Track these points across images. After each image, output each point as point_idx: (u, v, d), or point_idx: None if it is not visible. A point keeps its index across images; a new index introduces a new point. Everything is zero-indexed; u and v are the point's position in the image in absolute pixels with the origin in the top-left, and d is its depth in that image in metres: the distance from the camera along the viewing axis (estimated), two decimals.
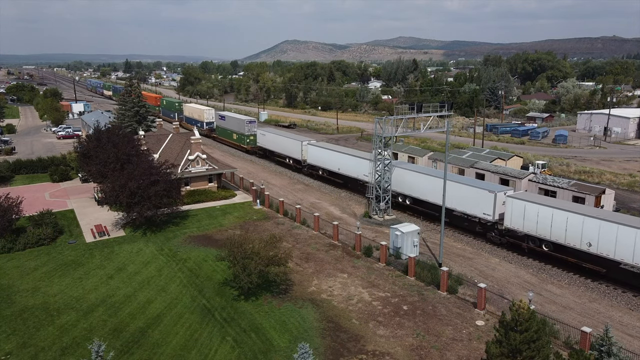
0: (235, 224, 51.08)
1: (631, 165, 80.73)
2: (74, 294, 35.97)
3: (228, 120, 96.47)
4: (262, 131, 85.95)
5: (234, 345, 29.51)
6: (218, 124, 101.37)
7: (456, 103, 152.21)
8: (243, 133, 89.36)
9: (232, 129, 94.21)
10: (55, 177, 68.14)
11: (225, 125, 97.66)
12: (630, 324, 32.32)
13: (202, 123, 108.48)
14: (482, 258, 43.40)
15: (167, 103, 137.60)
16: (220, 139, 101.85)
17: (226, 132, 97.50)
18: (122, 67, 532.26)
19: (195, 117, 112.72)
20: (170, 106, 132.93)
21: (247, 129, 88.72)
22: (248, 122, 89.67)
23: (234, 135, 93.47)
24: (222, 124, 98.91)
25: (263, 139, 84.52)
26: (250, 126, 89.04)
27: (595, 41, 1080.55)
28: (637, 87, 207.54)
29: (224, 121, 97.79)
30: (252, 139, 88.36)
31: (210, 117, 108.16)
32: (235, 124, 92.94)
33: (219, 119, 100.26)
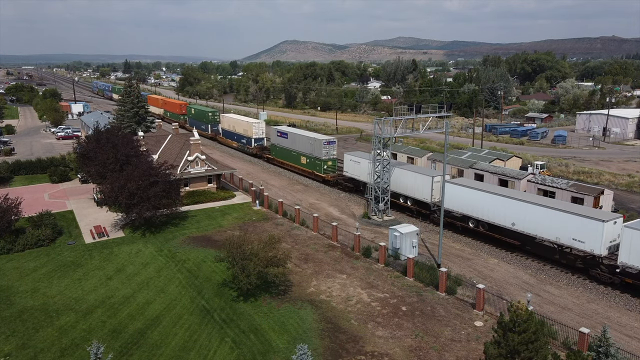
0: (235, 225, 51.12)
1: (630, 166, 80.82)
2: (73, 295, 36.01)
3: (293, 139, 75.20)
4: (355, 158, 62.12)
5: (233, 346, 29.55)
6: (276, 143, 79.54)
7: (455, 103, 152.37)
8: (318, 157, 68.44)
9: (299, 150, 73.42)
10: (54, 177, 68.15)
11: (287, 145, 76.49)
12: (628, 325, 32.39)
13: (248, 139, 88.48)
14: (481, 259, 43.46)
15: (197, 112, 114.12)
16: (278, 162, 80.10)
17: (289, 154, 76.13)
18: (121, 67, 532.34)
19: (239, 132, 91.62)
20: (201, 116, 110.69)
21: (324, 151, 67.71)
22: (326, 143, 67.88)
23: (302, 158, 72.75)
24: (282, 143, 77.66)
25: (355, 167, 62.15)
26: (329, 148, 68.05)
27: (595, 41, 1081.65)
28: (636, 87, 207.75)
29: (286, 139, 76.59)
30: (331, 165, 68.39)
31: (260, 131, 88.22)
32: (305, 145, 71.60)
33: (278, 136, 78.80)
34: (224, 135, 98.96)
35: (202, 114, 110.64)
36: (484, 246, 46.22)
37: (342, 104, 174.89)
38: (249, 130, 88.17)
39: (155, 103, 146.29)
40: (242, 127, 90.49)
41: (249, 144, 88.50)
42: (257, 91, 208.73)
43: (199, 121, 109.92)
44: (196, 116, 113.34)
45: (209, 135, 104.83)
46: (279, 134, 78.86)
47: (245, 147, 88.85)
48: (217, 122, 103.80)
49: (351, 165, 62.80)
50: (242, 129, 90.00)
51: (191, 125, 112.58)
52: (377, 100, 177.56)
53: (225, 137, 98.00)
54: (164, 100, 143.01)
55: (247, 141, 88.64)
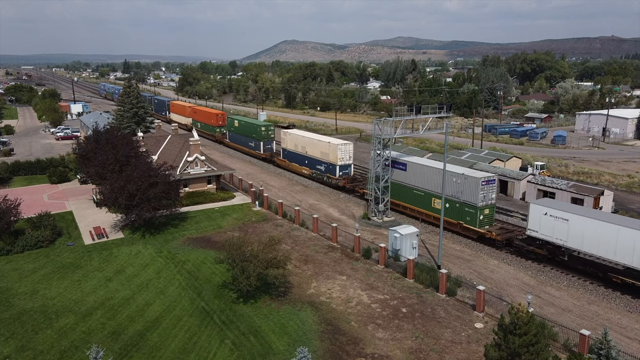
0: (234, 226, 51.04)
1: (630, 166, 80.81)
2: (72, 296, 35.92)
3: (417, 173, 53.13)
4: (557, 210, 40.75)
5: (232, 349, 29.48)
6: (395, 178, 54.97)
7: (455, 103, 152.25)
8: (470, 203, 47.07)
9: (429, 189, 51.56)
10: (53, 178, 68.05)
11: (406, 180, 54.30)
12: (629, 326, 32.34)
13: (329, 166, 66.07)
14: (481, 260, 43.41)
15: (242, 125, 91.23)
16: (399, 205, 55.50)
17: (410, 193, 53.93)
18: (120, 67, 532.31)
19: (313, 155, 69.76)
20: (249, 130, 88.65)
21: (481, 194, 46.42)
22: (485, 182, 46.48)
23: (435, 201, 50.95)
24: (396, 177, 55.03)
25: (556, 226, 40.59)
26: (487, 190, 46.82)
27: (594, 41, 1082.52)
28: (636, 87, 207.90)
29: (403, 172, 54.63)
30: (489, 214, 47.53)
31: (347, 156, 65.08)
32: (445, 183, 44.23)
33: (397, 168, 55.17)
34: (287, 158, 76.76)
35: (250, 127, 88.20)
36: (484, 247, 46.16)
37: (341, 104, 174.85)
38: (330, 154, 65.65)
39: (181, 111, 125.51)
40: (318, 149, 68.65)
41: (331, 172, 65.90)
42: (256, 91, 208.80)
43: (246, 136, 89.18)
44: (241, 130, 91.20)
45: (262, 155, 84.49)
46: (398, 165, 55.14)
47: (325, 176, 67.32)
48: (272, 139, 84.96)
49: (547, 222, 41.01)
50: (319, 151, 68.30)
51: (233, 140, 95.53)
52: (376, 101, 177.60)
53: (289, 161, 76.04)
54: (193, 109, 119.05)
55: (326, 168, 66.93)
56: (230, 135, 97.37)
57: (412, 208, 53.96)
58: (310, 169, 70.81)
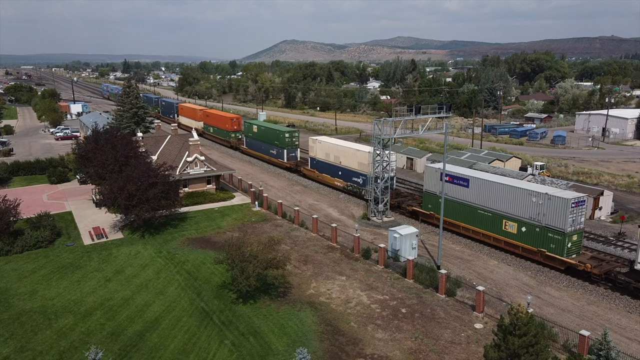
0: (234, 226, 51.02)
1: (629, 166, 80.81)
2: (71, 297, 35.89)
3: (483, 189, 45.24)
4: None
5: (232, 349, 29.46)
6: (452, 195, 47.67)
7: (455, 103, 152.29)
8: (556, 228, 40.00)
9: (501, 210, 44.01)
10: (53, 178, 68.02)
11: (466, 198, 46.84)
12: (628, 327, 32.33)
13: (367, 178, 56.88)
14: (481, 260, 43.39)
15: (262, 131, 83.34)
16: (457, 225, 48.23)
17: (474, 213, 46.30)
18: (120, 67, 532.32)
19: (348, 165, 62.17)
20: (270, 136, 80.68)
21: (570, 218, 39.55)
22: (575, 204, 39.71)
23: (507, 225, 43.57)
24: (453, 194, 47.74)
25: None
26: (577, 213, 39.96)
27: (594, 41, 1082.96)
28: (635, 87, 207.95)
29: (465, 188, 47.00)
30: (577, 241, 40.55)
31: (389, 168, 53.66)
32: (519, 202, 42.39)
33: (457, 184, 47.59)
34: (317, 168, 68.86)
35: (272, 133, 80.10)
36: (484, 248, 46.13)
37: (341, 104, 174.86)
38: (369, 165, 55.94)
39: (191, 114, 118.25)
40: (355, 159, 60.52)
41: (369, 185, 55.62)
42: (256, 91, 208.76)
43: (267, 143, 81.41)
44: (261, 136, 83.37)
45: (285, 163, 76.90)
46: (446, 177, 46.86)
47: (363, 189, 59.26)
48: (296, 146, 77.58)
49: None
50: (356, 162, 60.19)
51: (251, 147, 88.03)
52: (376, 100, 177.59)
53: (319, 171, 67.94)
54: (205, 112, 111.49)
55: (364, 181, 58.91)
56: (247, 141, 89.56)
57: (475, 230, 46.39)
58: (345, 181, 62.78)
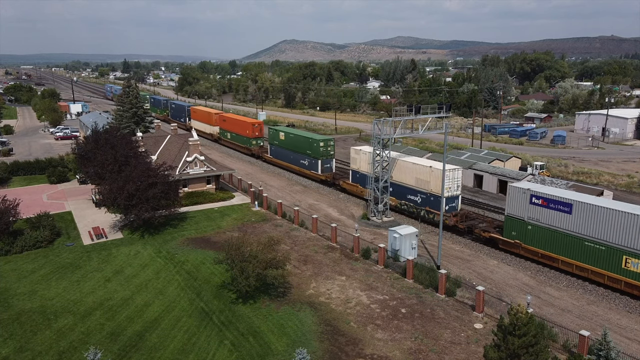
0: (234, 226, 51.00)
1: (629, 166, 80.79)
2: (71, 297, 35.86)
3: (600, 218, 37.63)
4: None
5: (231, 349, 29.43)
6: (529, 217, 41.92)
7: (454, 103, 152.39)
8: None
9: (618, 243, 36.59)
10: (53, 178, 67.99)
11: (579, 228, 38.97)
12: (628, 327, 32.30)
13: (430, 196, 50.97)
14: (481, 260, 43.36)
15: (291, 139, 75.11)
16: (549, 257, 41.03)
17: (589, 249, 38.41)
18: (120, 67, 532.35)
19: (404, 181, 54.23)
20: (300, 144, 72.32)
21: None
22: None
23: (626, 261, 36.17)
24: (557, 221, 40.28)
25: None
26: None
27: (594, 41, 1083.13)
28: (635, 87, 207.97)
29: (567, 215, 39.67)
30: None
31: (454, 185, 49.48)
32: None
33: (553, 208, 40.39)
34: (360, 183, 60.16)
35: (303, 142, 71.75)
36: (484, 248, 46.11)
37: (341, 104, 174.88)
38: (432, 181, 50.37)
39: (205, 118, 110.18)
40: (411, 174, 53.43)
41: (433, 205, 50.57)
42: (256, 91, 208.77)
43: (297, 152, 73.07)
44: (290, 144, 75.20)
45: (319, 176, 68.73)
46: (534, 199, 41.23)
47: (421, 210, 52.13)
48: (332, 156, 69.07)
49: None
50: (413, 177, 53.04)
51: (276, 156, 79.59)
52: (376, 100, 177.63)
53: (364, 186, 58.20)
54: (222, 116, 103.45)
55: (425, 200, 51.71)
56: (272, 149, 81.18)
57: (580, 266, 38.79)
58: (398, 199, 54.85)
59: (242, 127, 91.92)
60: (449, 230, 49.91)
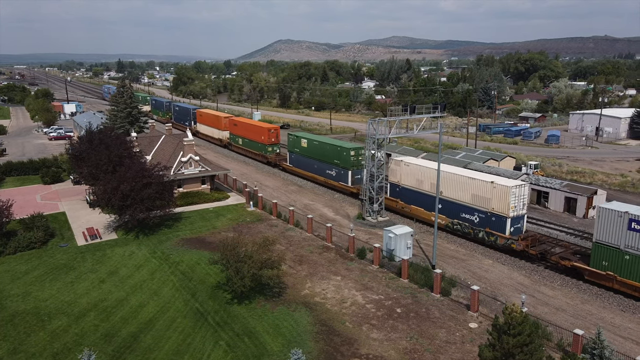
0: (229, 226, 50.89)
1: (623, 166, 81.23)
2: (65, 298, 35.67)
3: None
4: None
5: (227, 350, 29.37)
6: None
7: (449, 103, 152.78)
8: None
9: None
10: (46, 179, 67.64)
11: None
12: (622, 326, 32.47)
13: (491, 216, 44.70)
14: (475, 260, 43.47)
15: (315, 146, 68.67)
16: None
17: None
18: (114, 66, 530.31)
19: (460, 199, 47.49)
20: (327, 153, 65.71)
21: None
22: None
23: None
24: None
25: None
26: None
27: (587, 41, 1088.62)
28: (629, 87, 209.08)
29: None
30: None
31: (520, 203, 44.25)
32: None
33: None
34: (402, 198, 53.82)
35: (330, 150, 65.17)
36: (478, 247, 46.22)
37: (336, 104, 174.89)
38: (494, 199, 44.05)
39: (213, 122, 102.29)
40: (466, 189, 46.80)
41: (494, 226, 44.26)
42: (251, 91, 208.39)
43: (323, 161, 66.54)
44: (314, 152, 68.45)
45: (350, 188, 62.12)
46: (635, 224, 35.10)
47: (480, 231, 45.71)
48: (362, 167, 59.72)
49: None
50: (469, 193, 46.38)
51: (298, 165, 72.88)
52: (371, 100, 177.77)
53: (405, 202, 53.27)
54: (233, 120, 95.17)
55: (484, 220, 45.09)
56: (293, 157, 74.29)
57: None
58: (448, 217, 48.51)
59: (257, 133, 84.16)
60: (516, 256, 43.31)
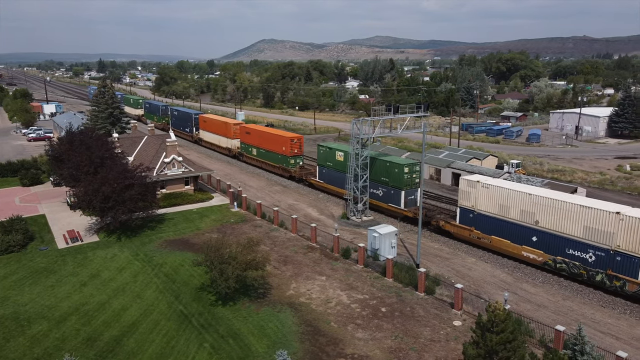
0: (213, 227, 50.53)
1: (601, 164, 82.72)
2: (45, 302, 35.04)
3: None
4: None
5: (211, 352, 29.14)
6: None
7: (432, 102, 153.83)
8: None
9: None
10: (25, 181, 66.39)
11: None
12: (602, 321, 33.04)
13: (615, 255, 35.84)
14: (459, 258, 43.83)
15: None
16: None
17: None
18: (95, 66, 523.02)
19: (565, 232, 38.90)
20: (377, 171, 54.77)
21: None
22: None
23: None
24: None
25: None
26: None
27: (567, 41, 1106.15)
28: (607, 86, 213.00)
29: None
30: None
31: None
32: None
33: None
34: (478, 226, 44.99)
35: (378, 166, 54.78)
36: (462, 246, 46.60)
37: (320, 104, 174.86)
38: (618, 233, 35.69)
39: (220, 130, 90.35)
40: (574, 218, 38.32)
41: (619, 268, 35.90)
42: (234, 91, 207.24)
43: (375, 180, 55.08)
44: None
45: (403, 212, 52.45)
46: None
47: (596, 274, 37.09)
48: (417, 185, 52.75)
49: None
50: (579, 224, 38.08)
51: (329, 181, 62.69)
52: (355, 100, 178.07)
53: (486, 232, 44.38)
54: (245, 128, 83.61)
55: (601, 259, 36.83)
56: (324, 173, 63.69)
57: None
58: (546, 253, 39.96)
59: (276, 143, 73.56)
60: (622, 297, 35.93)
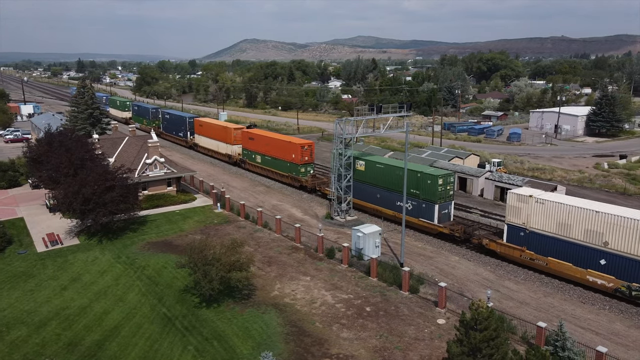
0: (196, 229, 50.12)
1: (580, 162, 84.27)
2: (24, 307, 34.33)
3: None
4: None
5: (195, 355, 28.89)
6: None
7: (415, 102, 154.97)
8: None
9: None
10: (3, 183, 65.01)
11: None
12: (582, 317, 33.63)
13: None
14: (443, 257, 44.20)
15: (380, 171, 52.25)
16: None
17: None
18: (74, 66, 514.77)
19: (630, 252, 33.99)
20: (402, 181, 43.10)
21: None
22: None
23: None
24: None
25: None
26: None
27: (546, 41, 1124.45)
28: (584, 86, 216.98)
29: None
30: None
31: None
32: None
33: None
34: (527, 245, 40.47)
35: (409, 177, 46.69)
36: (445, 244, 46.99)
37: (303, 104, 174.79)
38: None
39: (218, 134, 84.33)
40: None
41: None
42: (217, 91, 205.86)
43: (391, 190, 50.98)
44: (378, 178, 52.44)
45: (437, 228, 47.55)
46: None
47: None
48: (451, 198, 48.20)
49: None
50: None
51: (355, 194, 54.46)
52: (338, 100, 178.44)
53: (540, 253, 39.60)
54: (248, 133, 76.71)
55: None
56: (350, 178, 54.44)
57: None
58: (617, 278, 35.26)
59: (284, 149, 67.00)
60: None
